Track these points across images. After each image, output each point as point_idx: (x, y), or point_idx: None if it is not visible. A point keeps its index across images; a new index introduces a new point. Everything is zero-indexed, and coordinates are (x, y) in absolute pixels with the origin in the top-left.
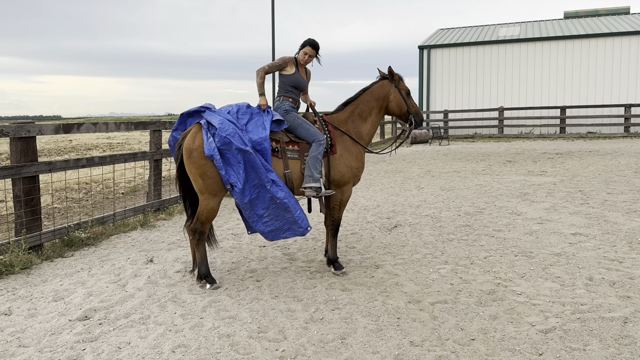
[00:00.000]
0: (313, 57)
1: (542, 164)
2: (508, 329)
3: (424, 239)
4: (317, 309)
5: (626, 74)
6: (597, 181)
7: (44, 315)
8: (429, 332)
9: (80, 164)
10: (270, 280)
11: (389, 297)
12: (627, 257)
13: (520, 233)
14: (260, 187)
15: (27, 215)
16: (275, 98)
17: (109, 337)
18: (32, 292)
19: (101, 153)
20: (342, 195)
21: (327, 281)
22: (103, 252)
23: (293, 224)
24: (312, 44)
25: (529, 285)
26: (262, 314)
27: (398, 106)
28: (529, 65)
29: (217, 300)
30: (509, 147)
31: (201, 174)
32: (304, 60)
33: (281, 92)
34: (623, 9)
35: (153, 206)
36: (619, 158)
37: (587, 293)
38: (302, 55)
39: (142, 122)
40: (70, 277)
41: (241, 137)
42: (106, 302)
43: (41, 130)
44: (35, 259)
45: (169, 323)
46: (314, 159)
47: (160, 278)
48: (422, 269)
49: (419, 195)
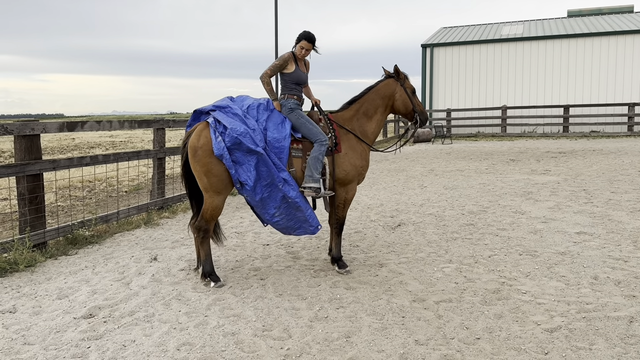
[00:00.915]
0: (310, 50)
1: (546, 162)
2: (513, 328)
3: (428, 238)
4: (321, 307)
5: (630, 72)
6: (601, 180)
7: (48, 313)
8: (434, 331)
9: (84, 162)
10: (275, 278)
11: (394, 296)
12: (632, 256)
13: (525, 232)
14: (272, 186)
15: (31, 213)
16: (280, 96)
17: (114, 335)
18: (36, 290)
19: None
20: (347, 194)
21: (331, 280)
22: (107, 250)
23: (304, 222)
24: (308, 37)
25: (533, 284)
26: (267, 312)
27: (404, 105)
28: (532, 64)
29: (221, 299)
30: (512, 146)
31: (206, 172)
32: (301, 54)
33: (285, 90)
34: (627, 7)
35: (157, 204)
36: (623, 157)
37: (592, 292)
38: (299, 49)
39: (146, 121)
40: (74, 275)
41: (252, 137)
42: (110, 300)
43: (45, 128)
44: (39, 256)
45: (173, 321)
46: (315, 159)
47: (165, 276)
48: (426, 268)
49: (422, 194)
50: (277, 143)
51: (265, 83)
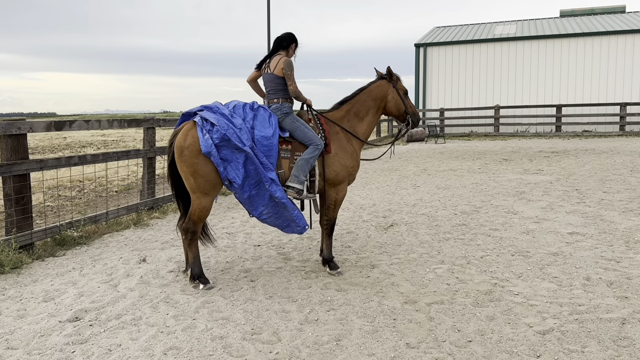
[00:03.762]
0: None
1: (538, 162)
2: (505, 330)
3: (420, 238)
4: (312, 309)
5: (622, 72)
6: (593, 180)
7: (33, 317)
8: (425, 334)
9: (72, 162)
10: (265, 280)
11: (385, 298)
12: (624, 257)
13: (517, 232)
14: (260, 184)
15: (18, 214)
16: (273, 100)
17: (100, 339)
18: (22, 293)
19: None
20: (337, 195)
21: (322, 281)
22: (95, 252)
23: (292, 222)
24: (296, 39)
25: (526, 285)
26: (256, 315)
27: (396, 106)
28: (525, 64)
29: (210, 301)
30: (505, 146)
31: (193, 173)
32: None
33: (277, 94)
34: (619, 7)
35: (147, 204)
36: (615, 157)
37: (584, 293)
38: (292, 52)
39: (136, 120)
40: (61, 276)
41: (239, 136)
42: (97, 302)
43: (32, 127)
44: (26, 258)
45: (161, 324)
46: (305, 161)
47: (153, 278)
48: (418, 269)
49: (415, 194)
50: (265, 141)
51: (299, 92)
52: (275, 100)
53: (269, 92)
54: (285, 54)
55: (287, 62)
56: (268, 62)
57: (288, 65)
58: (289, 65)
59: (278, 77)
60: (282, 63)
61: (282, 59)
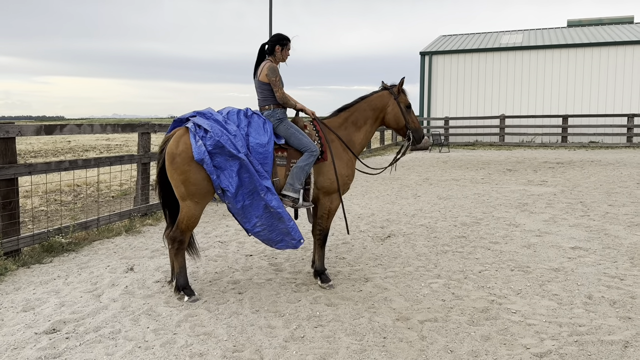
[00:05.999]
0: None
1: (543, 173)
2: (500, 351)
3: (418, 251)
4: (298, 325)
5: (629, 83)
6: (599, 192)
7: (9, 327)
8: (415, 354)
9: (63, 166)
10: (253, 292)
11: (376, 314)
12: (628, 274)
13: (518, 246)
14: (254, 193)
15: (4, 220)
16: (264, 107)
17: (74, 354)
18: (1, 301)
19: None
20: (331, 204)
21: (312, 295)
22: (83, 259)
23: (286, 235)
24: (281, 40)
25: (524, 303)
26: (240, 330)
27: (395, 119)
28: (531, 73)
29: (193, 314)
30: (510, 156)
31: (184, 180)
32: (287, 56)
33: (269, 101)
34: (627, 18)
35: (140, 211)
36: (621, 169)
37: (585, 313)
38: (286, 53)
39: (130, 124)
40: (45, 285)
41: (233, 142)
42: (77, 313)
43: (21, 131)
44: (11, 265)
45: (139, 339)
46: (301, 169)
47: (138, 288)
48: (413, 283)
49: (415, 204)
50: (260, 148)
51: (287, 98)
52: (267, 107)
53: (260, 99)
54: (272, 59)
55: (270, 67)
56: (257, 69)
57: (272, 70)
58: (272, 71)
59: (264, 84)
60: (266, 69)
61: (266, 65)
